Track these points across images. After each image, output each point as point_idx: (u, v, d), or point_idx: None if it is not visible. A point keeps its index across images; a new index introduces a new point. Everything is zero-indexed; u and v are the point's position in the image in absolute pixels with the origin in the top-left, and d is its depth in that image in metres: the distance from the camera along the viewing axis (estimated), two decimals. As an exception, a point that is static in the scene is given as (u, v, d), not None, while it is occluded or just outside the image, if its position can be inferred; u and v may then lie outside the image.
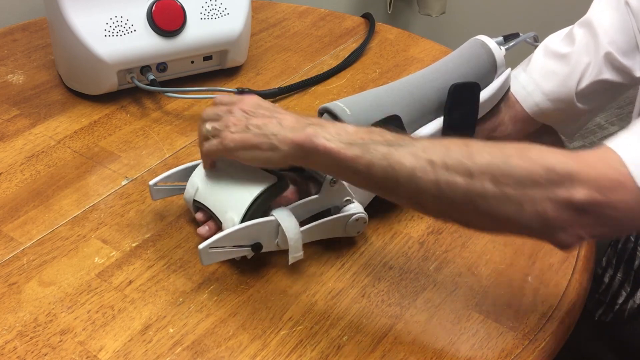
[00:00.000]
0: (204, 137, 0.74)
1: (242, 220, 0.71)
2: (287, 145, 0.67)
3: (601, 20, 0.84)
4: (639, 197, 0.57)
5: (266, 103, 0.73)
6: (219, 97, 0.76)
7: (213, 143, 0.72)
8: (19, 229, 0.80)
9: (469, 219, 0.64)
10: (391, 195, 0.67)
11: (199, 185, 0.77)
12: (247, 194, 0.73)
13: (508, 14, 2.20)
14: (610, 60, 0.83)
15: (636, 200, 0.57)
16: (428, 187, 0.62)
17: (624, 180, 0.58)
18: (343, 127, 0.67)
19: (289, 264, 0.74)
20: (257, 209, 0.72)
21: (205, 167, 0.77)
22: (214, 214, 0.75)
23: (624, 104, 2.42)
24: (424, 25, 2.06)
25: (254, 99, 0.73)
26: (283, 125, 0.69)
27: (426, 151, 0.62)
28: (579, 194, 0.58)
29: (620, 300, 0.84)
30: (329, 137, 0.65)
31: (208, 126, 0.73)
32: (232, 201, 0.73)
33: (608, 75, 0.84)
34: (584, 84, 0.85)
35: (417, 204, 0.66)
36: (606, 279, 0.86)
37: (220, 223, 0.74)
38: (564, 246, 0.61)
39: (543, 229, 0.60)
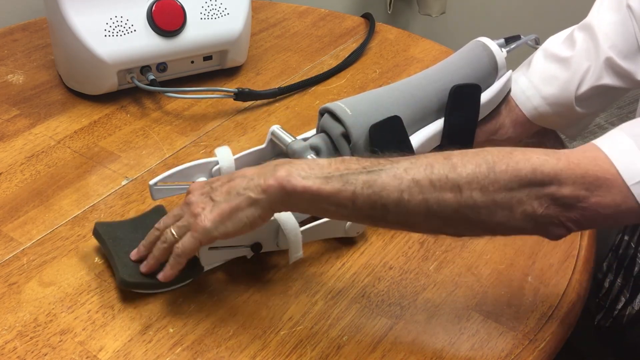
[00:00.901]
0: (170, 244, 0.67)
1: None
2: (265, 193, 0.63)
3: (602, 24, 0.84)
4: (625, 193, 0.58)
5: (211, 181, 0.68)
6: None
7: (186, 240, 0.66)
8: (19, 229, 0.80)
9: (461, 231, 0.64)
10: (379, 223, 0.65)
11: None
12: None
13: (508, 14, 2.20)
14: (610, 65, 0.83)
15: (623, 196, 0.58)
16: (417, 208, 0.61)
17: (610, 177, 0.58)
18: (314, 162, 0.64)
19: (290, 263, 0.74)
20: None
21: (174, 271, 0.69)
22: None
23: (624, 104, 2.42)
24: (424, 25, 2.06)
25: (200, 182, 0.69)
26: (248, 176, 0.64)
27: (408, 171, 0.61)
28: (565, 190, 0.59)
29: (619, 306, 0.84)
30: (304, 174, 0.62)
31: (170, 231, 0.67)
32: None
33: (608, 80, 0.83)
34: (584, 88, 0.84)
35: (407, 226, 0.65)
36: (606, 284, 0.86)
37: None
38: (554, 238, 0.62)
39: (534, 227, 0.61)
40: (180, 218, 0.68)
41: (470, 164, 0.60)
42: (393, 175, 0.61)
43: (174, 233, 0.67)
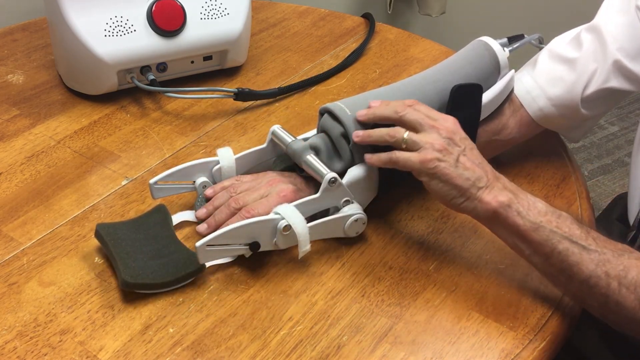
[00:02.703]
0: (395, 141, 0.73)
1: None
2: (481, 204, 0.69)
3: (610, 26, 0.83)
4: None
5: (461, 131, 0.73)
6: (411, 103, 0.75)
7: (412, 159, 0.71)
8: (19, 229, 0.80)
9: (622, 324, 0.68)
10: (558, 284, 0.71)
11: None
12: None
13: (508, 13, 2.20)
14: (618, 68, 0.82)
15: None
16: (597, 297, 0.67)
17: None
18: (534, 203, 0.69)
19: (299, 258, 0.74)
20: None
21: (373, 162, 0.75)
22: None
23: (624, 104, 2.42)
24: (424, 25, 2.06)
25: (454, 124, 0.73)
26: (489, 179, 0.70)
27: (606, 264, 0.66)
28: None
29: None
30: (521, 210, 0.68)
31: (406, 135, 0.72)
32: None
33: (615, 83, 0.83)
34: (590, 90, 0.84)
35: (577, 299, 0.72)
36: None
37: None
38: None
39: None
40: (421, 130, 0.72)
41: None
42: (591, 259, 0.66)
43: (406, 139, 0.72)
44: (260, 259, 0.76)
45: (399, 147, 0.73)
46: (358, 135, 0.76)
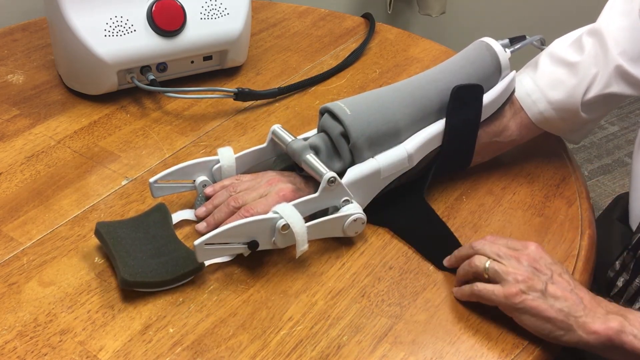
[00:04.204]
0: (475, 272, 0.70)
1: None
2: (588, 334, 0.65)
3: (612, 29, 0.82)
4: None
5: (547, 256, 0.70)
6: (489, 237, 0.73)
7: (496, 292, 0.68)
8: (19, 229, 0.80)
9: None
10: None
11: None
12: None
13: (508, 14, 2.20)
14: (620, 73, 0.82)
15: None
16: None
17: None
18: None
19: (297, 257, 0.74)
20: None
21: (457, 297, 0.73)
22: None
23: (624, 104, 2.42)
24: (424, 25, 2.06)
25: (537, 249, 0.70)
26: (586, 305, 0.66)
27: None
28: None
29: (636, 306, 0.83)
30: (637, 333, 0.64)
31: (488, 264, 0.69)
32: None
33: (616, 88, 0.82)
34: (590, 95, 0.84)
35: None
36: (619, 283, 0.85)
37: None
38: None
39: None
40: (501, 261, 0.69)
41: None
42: None
43: (487, 268, 0.69)
44: (260, 259, 0.76)
45: (482, 278, 0.70)
46: (448, 262, 0.76)
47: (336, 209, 0.78)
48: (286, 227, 0.72)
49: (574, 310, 0.66)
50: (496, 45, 0.85)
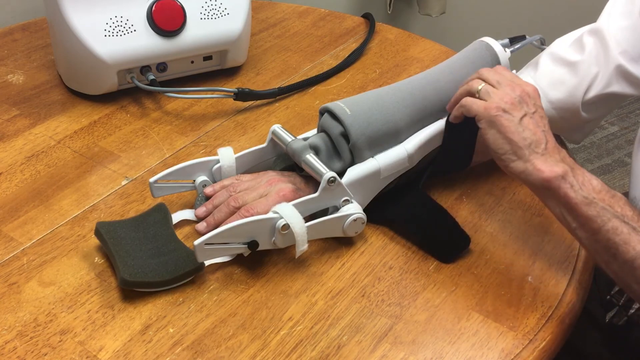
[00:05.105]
0: (469, 90, 0.74)
1: None
2: (534, 170, 0.68)
3: (612, 29, 0.82)
4: None
5: (539, 100, 0.73)
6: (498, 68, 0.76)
7: (478, 103, 0.72)
8: (19, 229, 0.80)
9: None
10: (600, 260, 0.69)
11: None
12: None
13: (508, 14, 2.20)
14: (621, 73, 0.82)
15: None
16: None
17: None
18: (590, 180, 0.68)
19: (297, 257, 0.74)
20: None
21: (451, 115, 0.77)
22: None
23: (625, 104, 2.42)
24: (424, 25, 2.06)
25: (534, 91, 0.73)
26: (547, 148, 0.69)
27: None
28: None
29: (637, 305, 0.83)
30: (575, 184, 0.67)
31: (481, 86, 0.73)
32: None
33: (617, 87, 0.82)
34: (591, 94, 0.84)
35: (618, 278, 0.69)
36: None
37: None
38: None
39: None
40: (498, 87, 0.72)
41: None
42: (639, 240, 0.65)
43: (479, 89, 0.73)
44: (260, 259, 0.76)
45: (473, 96, 0.74)
46: (449, 107, 0.78)
47: (336, 209, 0.78)
48: (286, 227, 0.72)
49: (534, 145, 0.68)
50: (496, 45, 0.86)
